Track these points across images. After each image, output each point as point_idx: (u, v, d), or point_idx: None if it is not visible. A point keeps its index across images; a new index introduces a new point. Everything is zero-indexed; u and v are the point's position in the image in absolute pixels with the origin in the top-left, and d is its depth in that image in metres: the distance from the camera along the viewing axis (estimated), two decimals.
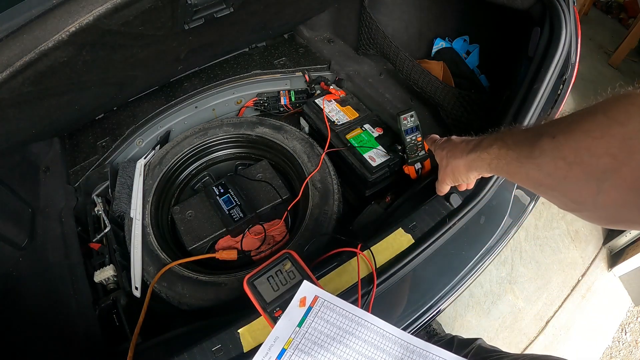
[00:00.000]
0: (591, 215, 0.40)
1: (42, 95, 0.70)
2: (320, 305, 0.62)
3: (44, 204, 0.94)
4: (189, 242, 0.92)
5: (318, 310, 0.61)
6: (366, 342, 0.59)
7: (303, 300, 0.62)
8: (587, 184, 0.36)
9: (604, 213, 0.38)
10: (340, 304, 0.62)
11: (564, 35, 0.84)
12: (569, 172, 0.38)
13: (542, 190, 0.45)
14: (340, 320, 0.61)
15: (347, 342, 0.59)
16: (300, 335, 0.59)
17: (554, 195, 0.43)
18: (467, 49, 1.35)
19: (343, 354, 0.58)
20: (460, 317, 1.56)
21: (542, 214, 1.89)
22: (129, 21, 0.62)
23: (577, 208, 0.41)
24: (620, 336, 1.62)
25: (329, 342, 0.59)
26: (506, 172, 0.51)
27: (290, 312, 0.61)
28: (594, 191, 0.36)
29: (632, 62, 2.73)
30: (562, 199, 0.42)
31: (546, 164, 0.41)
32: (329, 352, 0.58)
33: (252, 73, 1.27)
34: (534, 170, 0.43)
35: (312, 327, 0.60)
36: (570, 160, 0.37)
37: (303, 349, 0.58)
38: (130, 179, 0.99)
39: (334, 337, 0.59)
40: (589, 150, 0.35)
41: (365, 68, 1.33)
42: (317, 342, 0.59)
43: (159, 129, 1.18)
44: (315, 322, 0.60)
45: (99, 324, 0.78)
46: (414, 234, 0.74)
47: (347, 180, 1.11)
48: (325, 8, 1.33)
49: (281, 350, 0.57)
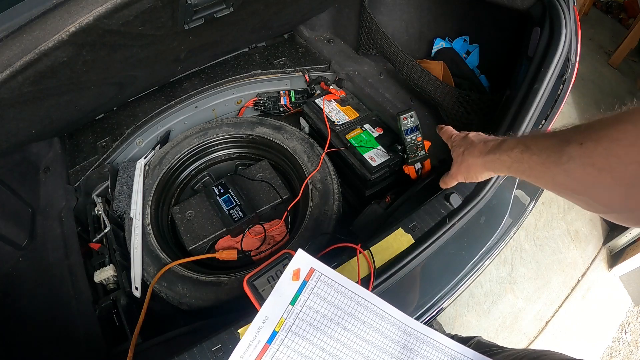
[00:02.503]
0: (619, 217, 0.43)
1: (42, 95, 0.70)
2: (317, 279, 0.53)
3: (44, 204, 0.94)
4: (189, 242, 0.92)
5: (314, 286, 0.53)
6: (365, 324, 0.54)
7: (297, 272, 0.53)
8: (617, 189, 0.39)
9: (631, 215, 0.41)
10: (338, 279, 0.55)
11: (564, 35, 0.84)
12: (598, 178, 0.40)
13: (567, 194, 0.47)
14: (338, 298, 0.54)
15: (346, 324, 0.52)
16: (293, 315, 0.51)
17: (581, 200, 0.45)
18: (467, 49, 1.35)
19: (342, 337, 0.52)
20: (460, 317, 1.56)
21: (542, 214, 1.89)
22: (129, 21, 0.62)
23: (605, 211, 0.43)
24: (620, 336, 1.62)
25: (327, 323, 0.52)
26: (528, 176, 0.53)
27: (281, 286, 0.52)
28: (622, 196, 0.39)
29: (632, 62, 2.73)
30: (590, 202, 0.44)
31: (574, 170, 0.42)
32: (326, 336, 0.51)
33: (252, 73, 1.27)
34: (561, 176, 0.45)
35: (307, 305, 0.52)
36: (599, 167, 0.39)
37: (297, 331, 0.50)
38: (130, 179, 0.99)
39: (331, 317, 0.52)
40: (618, 158, 0.37)
41: (365, 68, 1.33)
42: (313, 323, 0.51)
43: (159, 129, 1.18)
44: (310, 300, 0.52)
45: (99, 324, 0.78)
46: (414, 234, 0.74)
47: (347, 180, 1.11)
48: (325, 8, 1.33)
49: (272, 333, 0.50)
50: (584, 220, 1.89)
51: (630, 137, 0.37)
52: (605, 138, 0.39)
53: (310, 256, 0.55)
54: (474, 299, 1.61)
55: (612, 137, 0.38)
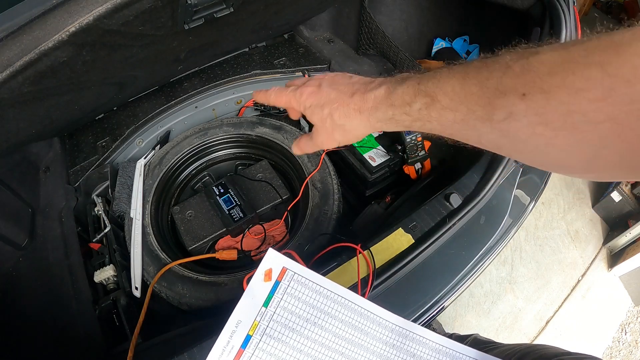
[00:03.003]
0: (575, 174, 0.34)
1: (42, 95, 0.70)
2: (290, 279, 0.51)
3: (44, 204, 0.94)
4: (189, 242, 0.92)
5: (287, 286, 0.51)
6: (345, 323, 0.52)
7: (268, 272, 0.51)
8: (579, 150, 0.30)
9: (595, 175, 0.33)
10: (312, 277, 0.52)
11: (564, 35, 0.84)
12: (553, 139, 0.30)
13: (504, 152, 0.36)
14: (314, 297, 0.51)
15: (324, 324, 0.51)
16: (267, 318, 0.49)
17: (524, 159, 0.35)
18: (467, 49, 1.35)
19: (320, 337, 0.50)
20: (460, 317, 1.57)
21: (542, 214, 1.89)
22: (129, 21, 0.62)
23: (559, 170, 0.35)
24: (620, 336, 1.62)
25: (303, 324, 0.50)
26: (440, 133, 0.39)
27: (253, 288, 0.50)
28: (587, 157, 0.30)
29: None
30: (537, 161, 0.34)
31: (517, 130, 0.32)
32: (303, 337, 0.49)
33: (252, 73, 1.26)
34: (493, 134, 0.34)
35: (281, 306, 0.50)
36: (555, 127, 0.29)
37: (272, 334, 0.49)
38: (130, 179, 0.99)
39: (307, 318, 0.50)
40: (584, 116, 0.27)
41: (365, 68, 1.33)
42: (288, 325, 0.49)
43: (159, 129, 1.18)
44: (284, 301, 0.50)
45: (99, 324, 0.77)
46: (414, 234, 0.74)
47: (347, 180, 1.11)
48: (325, 8, 1.33)
49: (245, 337, 0.48)
50: (584, 220, 1.89)
51: (600, 86, 0.26)
52: (563, 88, 0.28)
53: (282, 255, 0.53)
54: (474, 299, 1.62)
55: (573, 86, 0.27)
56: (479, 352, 0.59)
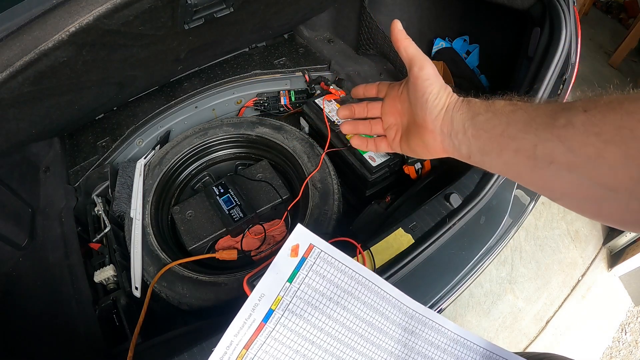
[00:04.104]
0: (619, 205, 0.34)
1: (42, 95, 0.70)
2: (316, 256, 0.51)
3: (44, 204, 0.94)
4: (189, 242, 0.92)
5: (313, 263, 0.51)
6: (366, 304, 0.51)
7: (295, 248, 0.51)
8: (625, 167, 0.31)
9: (637, 204, 0.33)
10: (339, 256, 0.52)
11: (564, 35, 0.84)
12: (602, 150, 0.32)
13: (553, 168, 0.36)
14: (338, 276, 0.51)
15: (346, 304, 0.50)
16: (291, 293, 0.49)
17: (571, 179, 0.36)
18: (467, 49, 1.35)
19: (340, 317, 0.50)
20: (460, 317, 1.57)
21: (542, 214, 1.89)
22: (129, 21, 0.62)
23: (604, 196, 0.34)
24: (620, 336, 1.62)
25: (326, 302, 0.49)
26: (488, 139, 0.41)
27: (279, 263, 0.50)
28: (632, 176, 0.31)
29: (632, 62, 2.74)
30: (584, 182, 0.35)
31: (572, 138, 0.34)
32: (324, 315, 0.49)
33: (252, 73, 1.27)
34: (550, 142, 0.36)
35: (306, 283, 0.50)
36: (606, 139, 0.32)
37: (294, 310, 0.48)
38: (130, 179, 0.99)
39: (330, 297, 0.50)
40: (632, 132, 0.30)
41: (365, 68, 1.33)
42: (311, 302, 0.49)
43: (159, 129, 1.18)
44: (309, 278, 0.50)
45: (99, 324, 0.78)
46: (414, 234, 0.74)
47: (347, 180, 1.11)
48: (325, 8, 1.33)
49: (268, 312, 0.47)
50: (584, 220, 1.89)
51: None
52: (618, 109, 0.32)
53: (309, 232, 0.52)
54: (474, 299, 1.62)
55: (625, 109, 0.31)
56: (493, 345, 0.58)
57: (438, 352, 0.56)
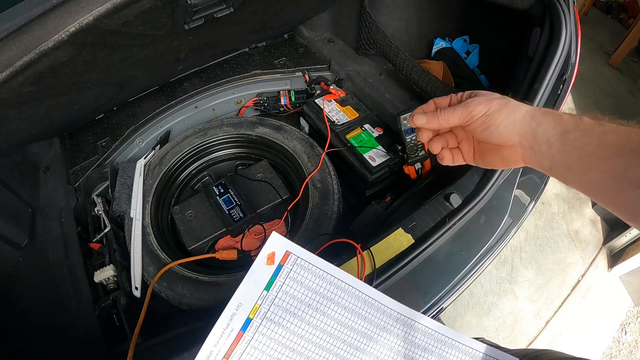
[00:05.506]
0: None
1: (42, 95, 0.70)
2: (293, 263, 0.51)
3: (44, 204, 0.94)
4: (189, 242, 0.92)
5: (290, 270, 0.50)
6: (347, 309, 0.51)
7: (271, 256, 0.50)
8: None
9: None
10: (317, 262, 0.52)
11: (564, 35, 0.84)
12: None
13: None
14: (316, 282, 0.51)
15: (325, 310, 0.50)
16: (268, 301, 0.48)
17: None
18: (467, 49, 1.35)
19: (321, 323, 0.49)
20: (460, 317, 1.57)
21: (542, 214, 1.89)
22: (129, 21, 0.62)
23: None
24: (620, 336, 1.62)
25: (305, 309, 0.49)
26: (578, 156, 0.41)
27: (255, 271, 0.50)
28: None
29: (632, 62, 2.74)
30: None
31: None
32: (304, 322, 0.49)
33: (252, 73, 1.27)
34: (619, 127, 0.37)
35: (283, 290, 0.49)
36: None
37: (272, 318, 0.48)
38: (130, 179, 0.99)
39: (309, 303, 0.49)
40: None
41: (365, 68, 1.33)
42: (290, 309, 0.49)
43: (159, 129, 1.18)
44: (286, 285, 0.50)
45: (99, 324, 0.78)
46: (414, 234, 0.74)
47: (347, 180, 1.11)
48: (325, 8, 1.33)
49: (246, 321, 0.47)
50: (584, 221, 1.89)
51: None
52: None
53: (285, 239, 0.52)
54: (474, 299, 1.62)
55: None
56: (488, 347, 0.58)
57: (424, 354, 0.56)
